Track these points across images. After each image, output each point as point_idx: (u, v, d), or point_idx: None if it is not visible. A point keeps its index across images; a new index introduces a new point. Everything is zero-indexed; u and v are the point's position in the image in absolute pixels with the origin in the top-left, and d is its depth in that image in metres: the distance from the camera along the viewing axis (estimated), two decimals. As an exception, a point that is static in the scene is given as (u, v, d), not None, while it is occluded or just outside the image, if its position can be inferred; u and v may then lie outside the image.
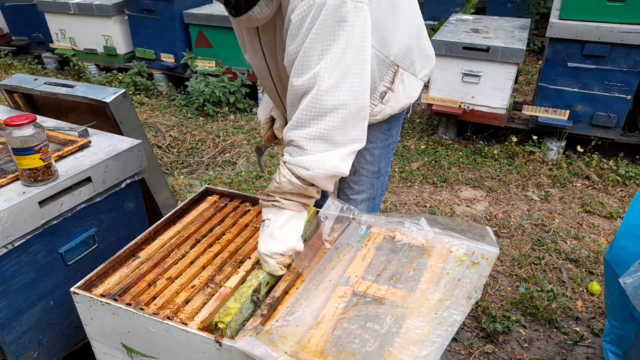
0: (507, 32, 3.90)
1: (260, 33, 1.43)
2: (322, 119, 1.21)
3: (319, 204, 1.56)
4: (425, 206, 3.31)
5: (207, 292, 1.32)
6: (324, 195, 1.86)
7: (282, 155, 1.30)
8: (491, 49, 3.59)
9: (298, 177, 1.25)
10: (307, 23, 1.18)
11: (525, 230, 3.06)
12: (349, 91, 1.21)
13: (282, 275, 1.34)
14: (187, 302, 1.29)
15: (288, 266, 1.36)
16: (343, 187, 1.82)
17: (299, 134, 1.24)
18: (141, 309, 1.25)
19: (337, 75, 1.19)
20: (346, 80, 1.21)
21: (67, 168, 1.61)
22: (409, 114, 4.62)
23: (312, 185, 1.27)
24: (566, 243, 2.93)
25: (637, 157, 3.73)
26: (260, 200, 1.34)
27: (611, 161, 3.72)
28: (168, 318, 1.21)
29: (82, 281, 1.33)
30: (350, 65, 1.21)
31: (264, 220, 1.33)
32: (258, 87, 1.89)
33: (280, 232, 1.30)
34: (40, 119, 1.79)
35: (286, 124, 1.58)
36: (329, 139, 1.23)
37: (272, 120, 1.79)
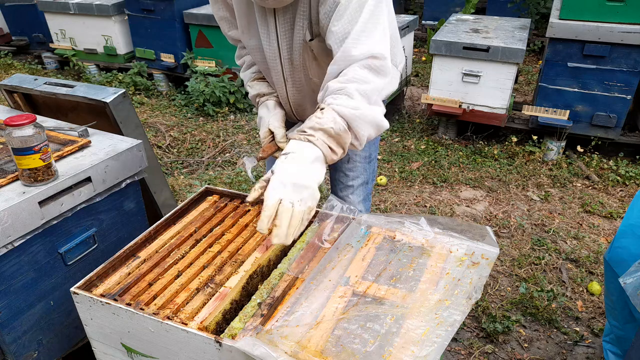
0: (507, 32, 3.90)
1: (277, 14, 1.44)
2: (377, 78, 1.33)
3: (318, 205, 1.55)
4: (425, 206, 3.31)
5: (207, 292, 1.32)
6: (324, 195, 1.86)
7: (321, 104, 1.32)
8: (491, 49, 3.60)
9: (342, 117, 1.26)
10: (354, 3, 1.31)
11: (525, 230, 3.05)
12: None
13: (282, 276, 1.34)
14: (187, 302, 1.29)
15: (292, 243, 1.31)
16: (338, 177, 1.89)
17: (353, 86, 1.29)
18: (141, 309, 1.25)
19: (387, 48, 1.35)
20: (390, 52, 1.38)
21: (67, 168, 1.61)
22: (404, 111, 4.62)
23: (350, 132, 1.29)
24: (566, 243, 2.93)
25: (637, 157, 3.73)
26: (288, 134, 1.36)
27: (611, 161, 3.72)
28: (168, 318, 1.21)
29: (82, 281, 1.33)
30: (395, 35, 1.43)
31: (286, 153, 1.23)
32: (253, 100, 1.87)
33: (309, 166, 1.22)
34: (40, 119, 1.79)
35: (288, 128, 1.64)
36: (371, 98, 1.32)
37: (272, 133, 1.78)
